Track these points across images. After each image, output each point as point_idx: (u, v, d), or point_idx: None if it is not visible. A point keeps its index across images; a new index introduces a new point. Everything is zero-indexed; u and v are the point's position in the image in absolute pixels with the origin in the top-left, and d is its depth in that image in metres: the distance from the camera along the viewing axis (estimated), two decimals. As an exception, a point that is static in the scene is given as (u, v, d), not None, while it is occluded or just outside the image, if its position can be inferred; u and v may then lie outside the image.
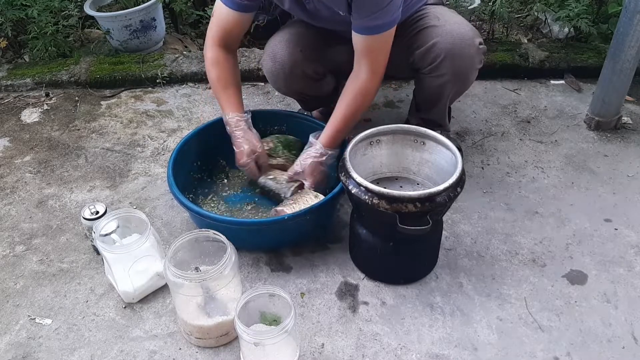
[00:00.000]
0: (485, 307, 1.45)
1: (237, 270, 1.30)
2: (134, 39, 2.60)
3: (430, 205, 1.29)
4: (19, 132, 2.15)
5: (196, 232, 1.32)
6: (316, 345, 1.36)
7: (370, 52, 1.50)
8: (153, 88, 2.39)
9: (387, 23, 1.45)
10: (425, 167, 1.54)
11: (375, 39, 1.47)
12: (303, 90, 1.80)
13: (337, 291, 1.50)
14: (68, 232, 1.69)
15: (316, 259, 1.58)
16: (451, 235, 1.65)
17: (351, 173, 1.35)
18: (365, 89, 1.55)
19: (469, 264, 1.56)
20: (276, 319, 1.29)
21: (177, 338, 1.39)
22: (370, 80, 1.53)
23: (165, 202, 1.78)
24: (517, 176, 1.87)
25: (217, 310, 1.34)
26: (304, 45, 1.68)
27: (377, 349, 1.35)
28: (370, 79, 1.53)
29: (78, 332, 1.41)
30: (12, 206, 1.80)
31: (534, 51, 2.42)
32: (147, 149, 2.04)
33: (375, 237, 1.45)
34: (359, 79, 1.54)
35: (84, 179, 1.90)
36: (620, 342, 1.36)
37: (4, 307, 1.48)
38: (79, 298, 1.49)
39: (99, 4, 2.68)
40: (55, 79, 2.38)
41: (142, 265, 1.42)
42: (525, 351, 1.34)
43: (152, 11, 2.58)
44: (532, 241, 1.63)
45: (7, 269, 1.58)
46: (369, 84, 1.54)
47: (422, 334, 1.38)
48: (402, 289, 1.50)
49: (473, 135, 2.06)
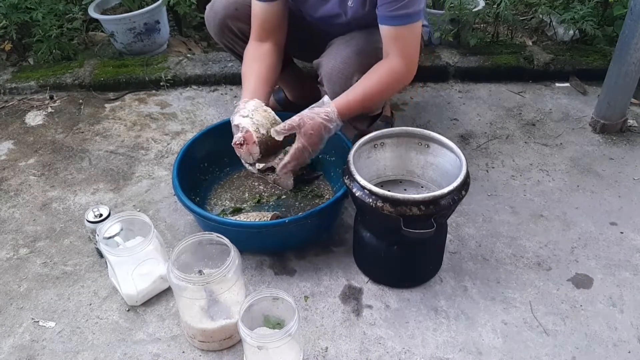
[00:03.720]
0: (490, 311, 1.44)
1: (240, 273, 1.30)
2: (138, 42, 2.60)
3: (435, 209, 1.28)
4: (23, 134, 2.16)
5: (200, 235, 1.32)
6: (320, 349, 1.35)
7: (397, 40, 1.47)
8: (157, 91, 2.39)
9: (413, 13, 1.44)
10: (429, 170, 1.53)
11: (403, 29, 1.45)
12: (233, 47, 1.84)
13: (341, 294, 1.49)
14: (72, 235, 1.69)
15: (320, 262, 1.58)
16: (455, 239, 1.64)
17: (355, 176, 1.34)
18: (395, 70, 1.49)
19: (474, 268, 1.55)
20: (280, 323, 1.29)
21: (181, 341, 1.38)
22: (400, 64, 1.48)
23: (169, 204, 1.78)
24: (522, 179, 1.86)
25: (220, 313, 1.33)
26: (241, 4, 1.72)
27: (381, 353, 1.34)
28: (401, 63, 1.48)
29: (81, 335, 1.40)
30: (16, 209, 1.80)
31: (539, 54, 2.42)
32: (150, 151, 2.04)
33: (379, 240, 1.44)
34: (389, 60, 1.49)
35: (88, 182, 1.90)
36: (627, 346, 1.35)
37: (8, 309, 1.48)
38: (83, 301, 1.49)
39: (103, 7, 2.69)
40: (59, 82, 2.39)
41: (145, 268, 1.42)
42: (530, 355, 1.33)
43: (156, 14, 2.59)
44: (537, 244, 1.62)
45: (10, 272, 1.58)
46: (399, 66, 1.48)
47: (426, 337, 1.38)
48: (407, 292, 1.49)
49: (478, 138, 2.06)
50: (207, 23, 1.83)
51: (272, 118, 1.56)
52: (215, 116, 2.21)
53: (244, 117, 1.53)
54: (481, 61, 2.39)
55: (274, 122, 1.55)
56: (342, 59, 1.57)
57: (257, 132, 1.52)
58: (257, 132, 1.52)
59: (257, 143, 1.52)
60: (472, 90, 2.34)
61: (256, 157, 1.57)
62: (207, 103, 2.30)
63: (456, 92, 2.33)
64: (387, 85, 1.51)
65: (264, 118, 1.55)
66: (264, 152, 1.56)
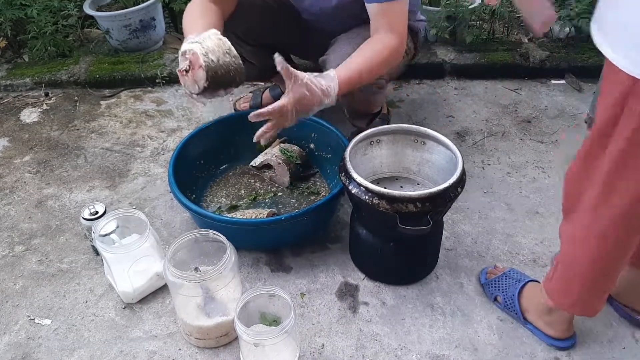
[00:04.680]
0: (485, 308, 1.44)
1: (236, 270, 1.30)
2: (133, 39, 2.59)
3: (431, 206, 1.29)
4: (18, 132, 2.15)
5: (196, 232, 1.32)
6: (316, 346, 1.36)
7: (385, 16, 1.46)
8: (152, 88, 2.38)
9: None
10: (425, 167, 1.53)
11: (390, 5, 1.44)
12: None
13: (337, 291, 1.49)
14: (67, 232, 1.69)
15: (316, 259, 1.58)
16: (452, 236, 1.65)
17: (351, 173, 1.34)
18: (387, 45, 1.46)
19: (470, 264, 1.56)
20: (276, 320, 1.29)
21: (177, 338, 1.38)
22: (391, 38, 1.46)
23: (165, 202, 1.78)
24: (518, 176, 1.86)
25: (216, 310, 1.33)
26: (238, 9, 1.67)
27: (377, 350, 1.35)
28: (392, 37, 1.46)
29: (77, 332, 1.40)
30: (12, 206, 1.80)
31: (535, 51, 2.42)
32: (146, 148, 2.04)
33: (375, 238, 1.44)
34: (381, 36, 1.47)
35: (84, 179, 1.90)
36: (621, 342, 1.35)
37: (3, 307, 1.47)
38: (79, 298, 1.49)
39: (98, 4, 2.67)
40: (54, 79, 2.38)
41: (141, 265, 1.42)
42: (526, 352, 1.34)
43: (151, 11, 2.58)
44: (533, 241, 1.62)
45: (6, 269, 1.58)
46: (391, 41, 1.46)
47: (422, 334, 1.38)
48: (403, 289, 1.49)
49: (474, 135, 2.06)
50: None
51: (227, 47, 1.36)
52: (211, 113, 2.20)
53: (192, 42, 1.35)
54: (477, 58, 2.39)
55: (227, 51, 1.36)
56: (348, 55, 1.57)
57: (205, 57, 1.33)
58: (204, 56, 1.33)
59: (203, 67, 1.32)
60: (468, 87, 2.34)
61: (202, 84, 1.36)
62: (203, 100, 2.30)
63: (452, 89, 2.33)
64: (383, 61, 1.46)
65: (217, 46, 1.35)
66: (212, 81, 1.35)
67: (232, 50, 1.37)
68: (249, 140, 1.88)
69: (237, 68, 1.38)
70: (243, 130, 1.84)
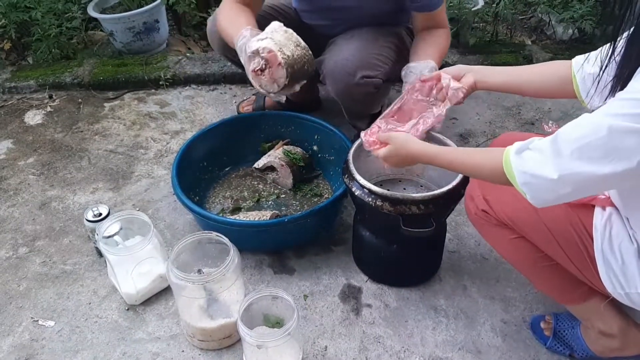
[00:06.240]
0: (489, 310, 1.44)
1: (240, 272, 1.30)
2: (137, 41, 2.60)
3: (434, 208, 1.28)
4: (22, 134, 2.16)
5: (199, 235, 1.32)
6: (319, 348, 1.36)
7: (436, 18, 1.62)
8: (156, 90, 2.39)
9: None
10: (428, 169, 1.53)
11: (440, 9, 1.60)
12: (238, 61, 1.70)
13: (340, 294, 1.49)
14: (71, 234, 1.69)
15: (319, 262, 1.58)
16: (455, 238, 1.64)
17: (355, 175, 1.34)
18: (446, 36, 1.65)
19: (473, 267, 1.55)
20: (279, 321, 1.29)
21: (180, 340, 1.38)
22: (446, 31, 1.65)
23: (168, 204, 1.78)
24: (521, 178, 1.86)
25: (220, 312, 1.33)
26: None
27: (380, 352, 1.34)
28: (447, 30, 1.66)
29: (81, 334, 1.41)
30: (16, 208, 1.80)
31: (538, 52, 2.42)
32: (150, 150, 2.04)
33: (378, 240, 1.44)
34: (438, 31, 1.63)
35: (87, 181, 1.90)
36: (626, 345, 1.35)
37: (7, 308, 1.48)
38: (82, 300, 1.49)
39: (102, 6, 2.68)
40: (58, 81, 2.39)
41: (144, 267, 1.42)
42: (529, 354, 1.33)
43: (155, 13, 2.58)
44: (536, 243, 1.62)
45: (10, 271, 1.58)
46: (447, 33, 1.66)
47: (425, 336, 1.38)
48: (406, 291, 1.49)
49: (477, 137, 2.06)
50: (209, 38, 1.81)
51: (296, 39, 1.31)
52: (214, 115, 2.21)
53: (262, 39, 1.29)
54: (480, 60, 2.39)
55: (297, 43, 1.31)
56: (345, 56, 1.58)
57: (282, 53, 1.26)
58: (281, 52, 1.26)
59: (282, 65, 1.27)
60: (472, 89, 2.33)
61: (282, 82, 1.31)
62: (206, 102, 2.30)
63: (455, 91, 2.33)
64: (446, 47, 1.65)
65: (286, 39, 1.29)
66: (291, 78, 1.31)
67: (301, 41, 1.34)
68: (252, 142, 1.89)
69: (309, 60, 1.35)
70: (246, 132, 1.84)
